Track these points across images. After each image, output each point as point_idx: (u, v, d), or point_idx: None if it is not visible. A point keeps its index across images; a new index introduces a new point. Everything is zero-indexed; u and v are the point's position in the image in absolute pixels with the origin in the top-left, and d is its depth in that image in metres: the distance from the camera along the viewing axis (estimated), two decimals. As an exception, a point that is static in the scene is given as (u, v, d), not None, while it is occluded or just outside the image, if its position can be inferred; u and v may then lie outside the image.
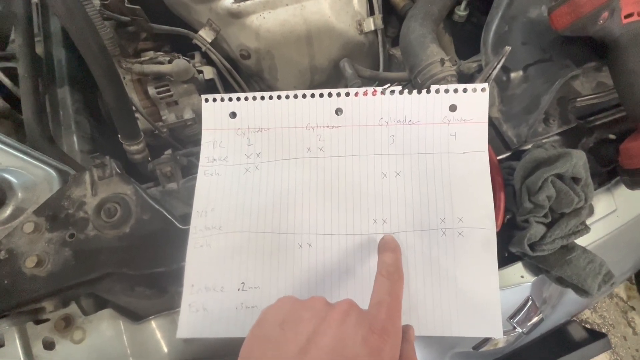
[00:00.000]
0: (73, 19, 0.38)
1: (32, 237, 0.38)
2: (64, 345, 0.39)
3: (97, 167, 0.41)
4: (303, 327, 0.26)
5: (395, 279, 0.31)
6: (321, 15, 0.62)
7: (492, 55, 0.48)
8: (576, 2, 0.41)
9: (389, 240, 0.35)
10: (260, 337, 0.27)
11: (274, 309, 0.28)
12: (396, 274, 0.31)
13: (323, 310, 0.27)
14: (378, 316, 0.27)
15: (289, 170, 0.41)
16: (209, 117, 0.43)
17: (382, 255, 0.33)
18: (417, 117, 0.41)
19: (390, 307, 0.28)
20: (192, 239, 0.40)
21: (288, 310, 0.28)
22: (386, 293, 0.29)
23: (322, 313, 0.27)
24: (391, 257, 0.33)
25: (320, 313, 0.27)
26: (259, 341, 0.26)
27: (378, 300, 0.29)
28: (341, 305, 0.27)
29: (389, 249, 0.34)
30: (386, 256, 0.33)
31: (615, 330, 1.33)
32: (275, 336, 0.26)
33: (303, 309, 0.27)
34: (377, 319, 0.27)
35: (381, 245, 0.35)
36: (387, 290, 0.29)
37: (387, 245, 0.35)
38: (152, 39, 0.67)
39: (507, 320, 0.47)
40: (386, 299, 0.29)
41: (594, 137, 0.49)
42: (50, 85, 0.59)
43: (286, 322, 0.26)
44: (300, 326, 0.26)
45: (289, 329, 0.26)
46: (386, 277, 0.31)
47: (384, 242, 0.35)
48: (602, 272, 0.41)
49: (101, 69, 0.41)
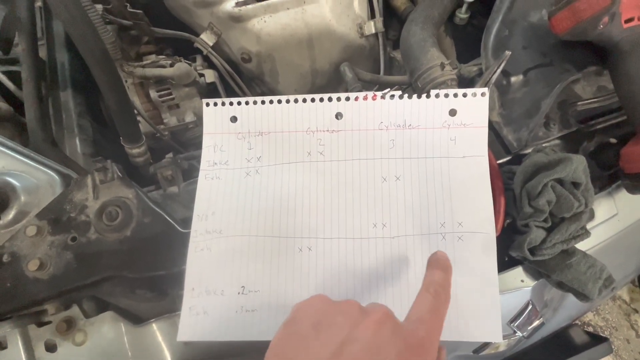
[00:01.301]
0: (75, 24, 0.39)
1: (35, 240, 0.38)
2: (65, 347, 0.39)
3: (99, 171, 0.41)
4: (336, 331, 0.25)
5: (441, 300, 0.29)
6: (322, 18, 0.62)
7: (493, 59, 0.48)
8: (576, 6, 0.41)
9: (442, 258, 0.33)
10: (293, 335, 0.26)
11: (308, 307, 0.28)
12: (443, 295, 0.30)
13: (356, 316, 0.26)
14: (416, 333, 0.26)
15: (290, 174, 0.42)
16: (209, 121, 0.43)
17: (432, 271, 0.31)
18: (417, 121, 0.41)
19: (431, 327, 0.27)
20: (193, 243, 0.40)
21: (322, 312, 0.27)
22: (429, 311, 0.28)
23: (355, 319, 0.26)
24: (441, 276, 0.31)
25: (354, 318, 0.26)
26: (292, 339, 0.26)
27: (419, 316, 0.28)
28: (376, 314, 0.26)
29: (440, 267, 0.32)
30: (436, 274, 0.31)
31: (618, 332, 1.32)
32: (309, 337, 0.25)
33: (337, 312, 0.27)
34: (415, 335, 0.26)
35: (432, 261, 0.33)
36: (430, 309, 0.28)
37: (439, 262, 0.32)
38: (154, 43, 0.68)
39: (507, 324, 0.47)
40: (428, 317, 0.27)
41: (595, 141, 0.49)
42: (53, 89, 0.60)
43: (321, 324, 0.26)
44: (333, 330, 0.26)
45: (323, 332, 0.26)
46: (432, 295, 0.29)
47: (436, 259, 0.33)
48: (602, 277, 0.41)
49: (103, 73, 0.41)
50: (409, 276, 0.38)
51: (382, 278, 0.38)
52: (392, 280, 0.38)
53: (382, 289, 0.37)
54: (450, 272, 0.32)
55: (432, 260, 0.33)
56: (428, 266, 0.33)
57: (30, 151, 0.44)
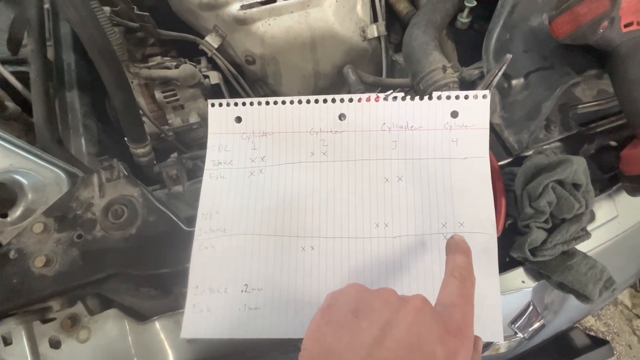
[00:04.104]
0: (85, 25, 0.40)
1: (41, 238, 0.39)
2: (69, 344, 0.40)
3: (105, 170, 0.42)
4: (376, 317, 0.25)
5: (468, 283, 0.29)
6: (325, 22, 0.63)
7: (494, 62, 0.49)
8: (577, 11, 0.42)
9: (460, 242, 0.33)
10: (332, 322, 0.26)
11: (344, 295, 0.28)
12: (469, 277, 0.30)
13: (395, 302, 0.26)
14: (453, 317, 0.26)
15: (293, 174, 0.42)
16: (214, 121, 0.44)
17: (454, 256, 0.31)
18: (419, 123, 0.41)
19: (464, 310, 0.27)
20: (197, 241, 0.40)
21: (360, 299, 0.27)
22: (459, 295, 0.28)
23: (395, 305, 0.26)
24: (463, 259, 0.31)
25: (392, 305, 0.26)
26: (331, 326, 0.26)
27: (450, 301, 0.27)
28: (414, 300, 0.26)
29: (461, 250, 0.32)
30: (458, 258, 0.31)
31: (619, 338, 1.32)
32: (349, 324, 0.25)
33: (374, 298, 0.27)
34: (452, 320, 0.26)
35: (452, 245, 0.32)
36: (459, 293, 0.28)
37: (459, 246, 0.32)
38: (160, 45, 0.69)
39: (508, 326, 0.47)
40: (459, 301, 0.27)
41: (595, 144, 0.50)
42: (60, 89, 0.61)
43: (359, 311, 0.26)
44: (373, 315, 0.25)
45: (363, 318, 0.25)
46: (459, 279, 0.29)
47: (455, 243, 0.32)
48: (603, 278, 0.41)
49: (111, 74, 0.42)
50: (410, 275, 0.38)
51: (384, 277, 0.38)
52: (394, 279, 0.38)
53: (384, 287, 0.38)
54: (470, 254, 0.32)
55: (452, 244, 0.33)
56: (448, 251, 0.32)
57: (37, 150, 0.44)
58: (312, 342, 0.25)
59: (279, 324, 0.37)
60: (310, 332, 0.26)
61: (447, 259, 0.32)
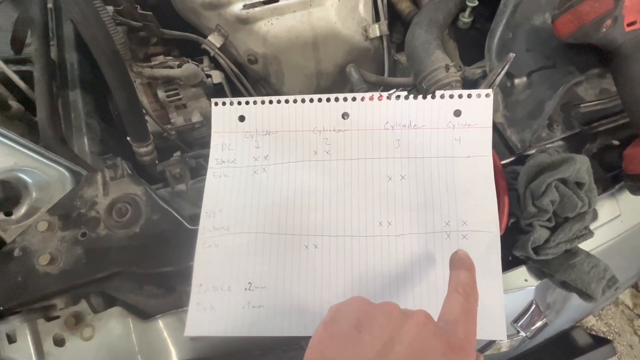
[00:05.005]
0: (88, 25, 0.40)
1: (46, 236, 0.39)
2: (73, 342, 0.40)
3: (109, 168, 0.42)
4: (379, 331, 0.25)
5: (472, 299, 0.29)
6: (327, 21, 0.63)
7: (497, 61, 0.49)
8: (579, 10, 0.42)
9: (464, 257, 0.33)
10: (335, 335, 0.26)
11: (348, 307, 0.28)
12: (473, 294, 0.30)
13: (398, 317, 0.27)
14: (456, 333, 0.26)
15: (296, 173, 0.42)
16: (218, 120, 0.44)
17: (457, 271, 0.31)
18: (422, 121, 0.41)
19: (467, 327, 0.27)
20: (201, 239, 0.40)
21: (363, 312, 0.27)
22: (462, 312, 0.28)
23: (398, 320, 0.26)
24: (467, 275, 0.31)
25: (395, 320, 0.26)
26: (334, 340, 0.26)
27: (454, 317, 0.27)
28: (418, 315, 0.27)
29: (465, 266, 0.32)
30: (462, 274, 0.31)
31: (621, 338, 1.31)
32: (352, 337, 0.25)
33: (377, 313, 0.27)
34: (456, 336, 0.26)
35: (455, 260, 0.33)
36: (463, 309, 0.28)
37: (463, 262, 0.32)
38: (162, 44, 0.69)
39: (510, 324, 0.47)
40: (462, 318, 0.27)
41: (598, 143, 0.50)
42: (63, 88, 0.61)
43: (362, 325, 0.26)
44: (376, 330, 0.26)
45: (366, 332, 0.25)
46: (462, 295, 0.29)
47: (459, 258, 0.33)
48: (606, 277, 0.41)
49: (114, 73, 0.42)
50: (413, 274, 0.38)
51: (387, 275, 0.38)
52: (397, 277, 0.38)
53: (387, 286, 0.38)
54: (474, 270, 0.32)
55: (455, 259, 0.33)
56: (452, 266, 0.32)
57: (41, 148, 0.45)
58: (315, 355, 0.25)
59: (282, 322, 0.38)
60: (313, 345, 0.26)
61: (450, 274, 0.32)
